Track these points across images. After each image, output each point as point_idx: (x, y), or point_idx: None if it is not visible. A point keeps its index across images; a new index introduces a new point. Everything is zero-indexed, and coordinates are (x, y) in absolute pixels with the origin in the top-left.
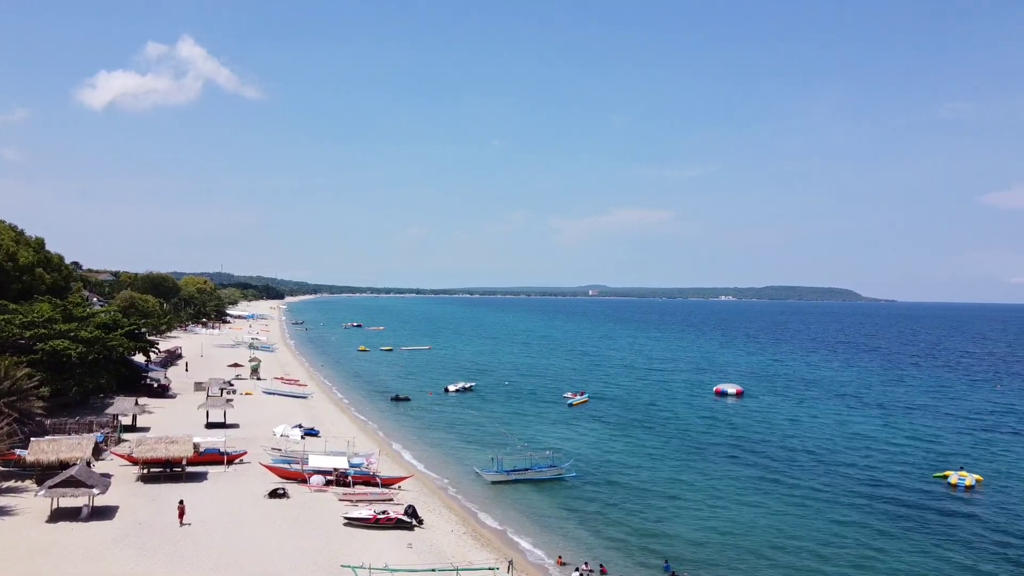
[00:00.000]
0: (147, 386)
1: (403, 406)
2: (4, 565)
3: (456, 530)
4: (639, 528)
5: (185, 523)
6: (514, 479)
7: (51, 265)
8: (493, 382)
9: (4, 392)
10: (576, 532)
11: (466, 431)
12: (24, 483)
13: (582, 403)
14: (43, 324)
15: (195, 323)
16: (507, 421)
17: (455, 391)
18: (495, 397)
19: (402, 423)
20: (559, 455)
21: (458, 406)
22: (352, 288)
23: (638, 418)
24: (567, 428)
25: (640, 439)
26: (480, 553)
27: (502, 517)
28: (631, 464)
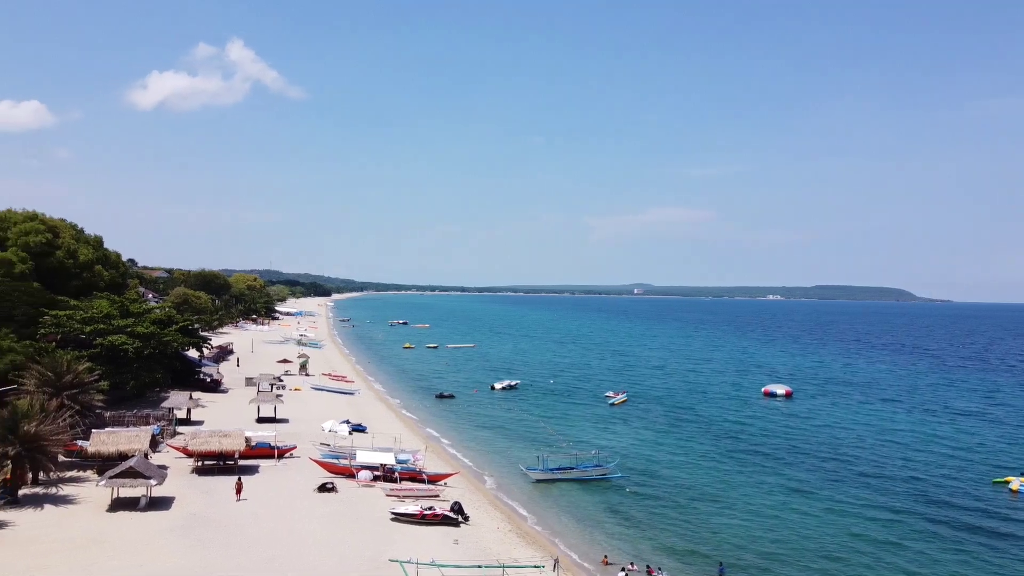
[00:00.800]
0: (200, 381)
1: (448, 403)
2: (67, 552)
3: (502, 527)
4: (686, 530)
5: (242, 498)
6: (559, 478)
7: (109, 262)
8: (537, 380)
9: (67, 385)
10: (621, 532)
11: (511, 429)
12: (85, 473)
13: (623, 402)
14: (102, 320)
15: (245, 319)
16: (551, 420)
17: (501, 389)
18: (539, 395)
19: (447, 420)
20: (604, 454)
21: (503, 404)
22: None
23: (683, 418)
24: (610, 427)
25: (686, 439)
26: (525, 551)
27: (547, 516)
28: (677, 464)
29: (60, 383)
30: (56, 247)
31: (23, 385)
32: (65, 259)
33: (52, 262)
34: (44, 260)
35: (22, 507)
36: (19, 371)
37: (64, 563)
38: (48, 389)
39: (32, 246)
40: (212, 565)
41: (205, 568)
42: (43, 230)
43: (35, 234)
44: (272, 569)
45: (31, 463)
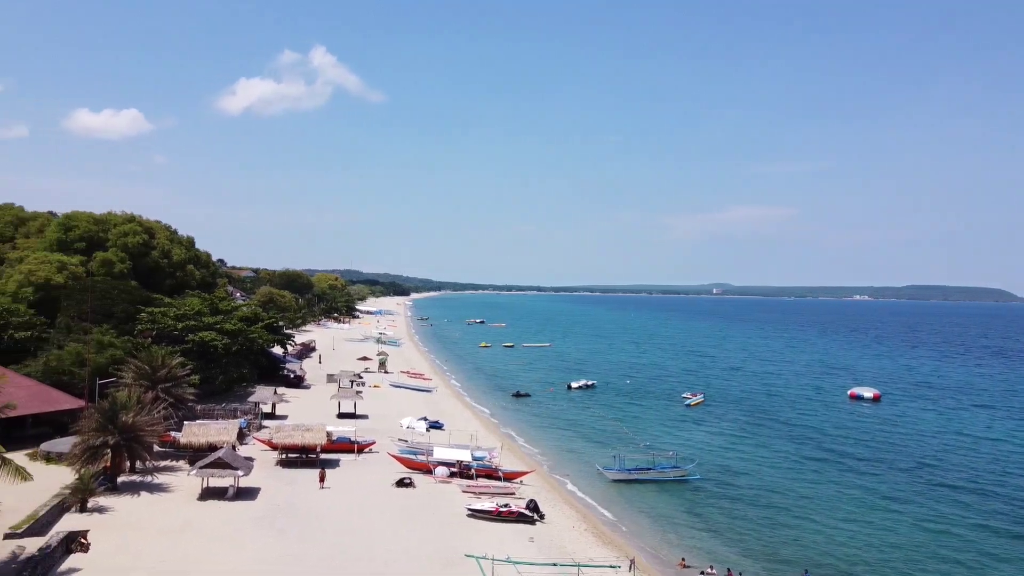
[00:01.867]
0: (284, 376)
1: (524, 402)
2: (160, 538)
3: (577, 526)
4: (767, 535)
5: (325, 487)
6: (636, 478)
7: (200, 262)
8: (613, 380)
9: (161, 379)
10: (699, 535)
11: (587, 428)
12: (178, 463)
13: (700, 403)
14: (193, 317)
15: (327, 318)
16: (627, 419)
17: (577, 388)
18: (615, 395)
19: (523, 419)
20: (682, 455)
21: (579, 403)
22: (474, 285)
23: (762, 420)
24: (687, 428)
25: (766, 442)
26: (601, 550)
27: (623, 516)
28: (757, 467)
29: (155, 377)
30: (152, 247)
31: (122, 378)
32: (160, 259)
33: (148, 262)
34: (141, 260)
35: (120, 494)
36: (118, 365)
37: (159, 548)
38: (144, 382)
39: (130, 247)
40: (294, 554)
41: (288, 557)
42: (140, 231)
43: (133, 235)
44: (351, 561)
45: (129, 452)
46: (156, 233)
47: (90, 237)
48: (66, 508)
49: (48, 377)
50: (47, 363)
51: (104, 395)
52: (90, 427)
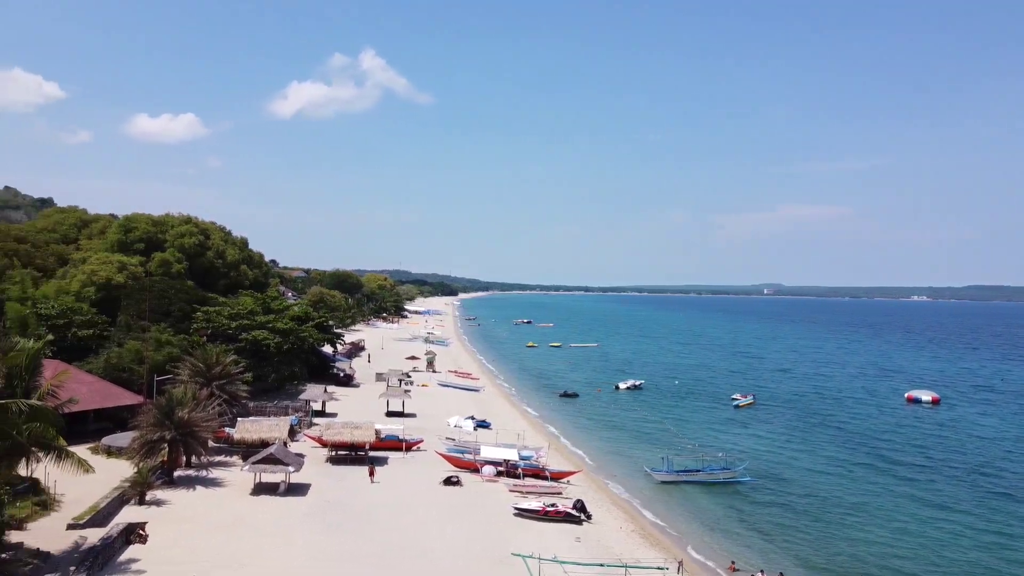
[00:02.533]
0: (334, 375)
1: (571, 402)
2: (214, 531)
3: (624, 527)
4: (821, 542)
5: (375, 481)
6: (684, 480)
7: (253, 262)
8: (660, 381)
9: (215, 376)
10: (750, 539)
11: (634, 429)
12: (232, 458)
13: (748, 405)
14: (246, 316)
15: (376, 317)
16: (675, 420)
17: (625, 389)
18: (663, 396)
19: (571, 419)
20: (732, 458)
21: (626, 404)
22: (522, 285)
23: (815, 423)
24: (736, 430)
25: (819, 445)
26: (648, 552)
27: (671, 517)
28: (809, 472)
29: (210, 374)
30: (207, 248)
31: (178, 375)
32: (215, 259)
33: (204, 262)
34: (197, 260)
35: (177, 487)
36: (175, 363)
37: (213, 541)
38: (199, 379)
39: (187, 247)
40: (344, 550)
41: (337, 552)
42: (196, 232)
43: (189, 236)
44: (399, 557)
45: (184, 447)
46: (211, 234)
47: (149, 238)
48: (125, 500)
49: (109, 374)
50: (108, 360)
51: (161, 391)
52: (148, 422)
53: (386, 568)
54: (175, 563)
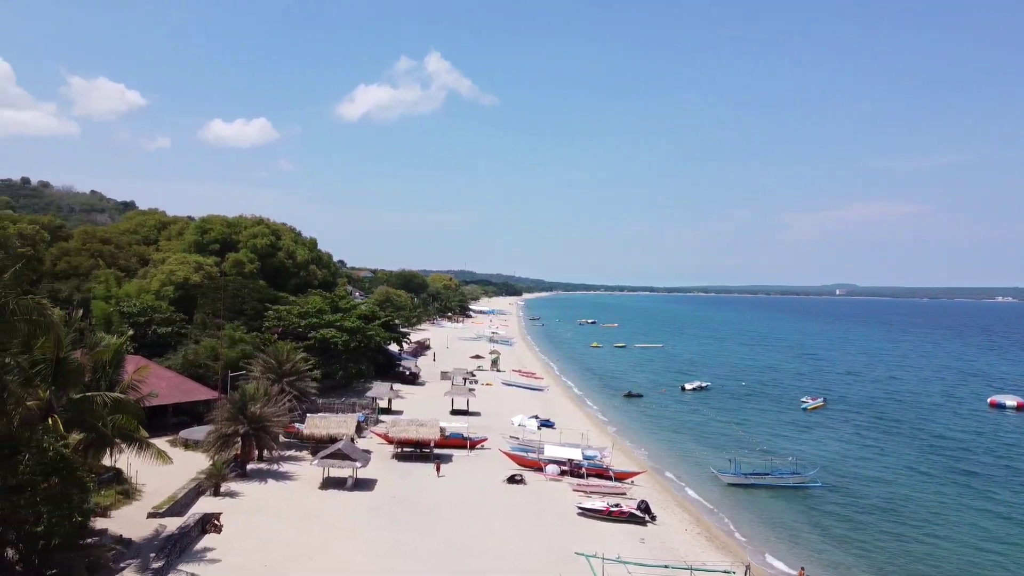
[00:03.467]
0: (400, 373)
1: (636, 402)
2: (285, 523)
3: (690, 530)
4: (897, 552)
5: (441, 475)
6: (752, 483)
7: (322, 262)
8: (727, 382)
9: (286, 373)
10: (820, 545)
11: (700, 430)
12: (301, 453)
13: (817, 407)
14: (315, 314)
15: (441, 317)
16: (742, 423)
17: (691, 390)
18: (729, 397)
19: (635, 419)
20: (802, 462)
21: (692, 405)
22: (586, 286)
23: (890, 428)
24: (806, 434)
25: (894, 451)
26: (714, 555)
27: (738, 521)
28: (884, 478)
29: (281, 371)
30: (278, 249)
31: (250, 372)
32: (285, 259)
33: (275, 262)
34: (268, 260)
35: (249, 480)
36: (248, 359)
37: (283, 532)
38: (271, 376)
39: (259, 248)
40: (408, 545)
41: (402, 547)
42: (268, 233)
43: (261, 237)
44: (463, 553)
45: (257, 441)
46: (282, 235)
47: (223, 239)
48: (201, 492)
49: (186, 370)
50: (185, 357)
51: (235, 387)
52: (223, 417)
53: (450, 564)
54: (247, 553)
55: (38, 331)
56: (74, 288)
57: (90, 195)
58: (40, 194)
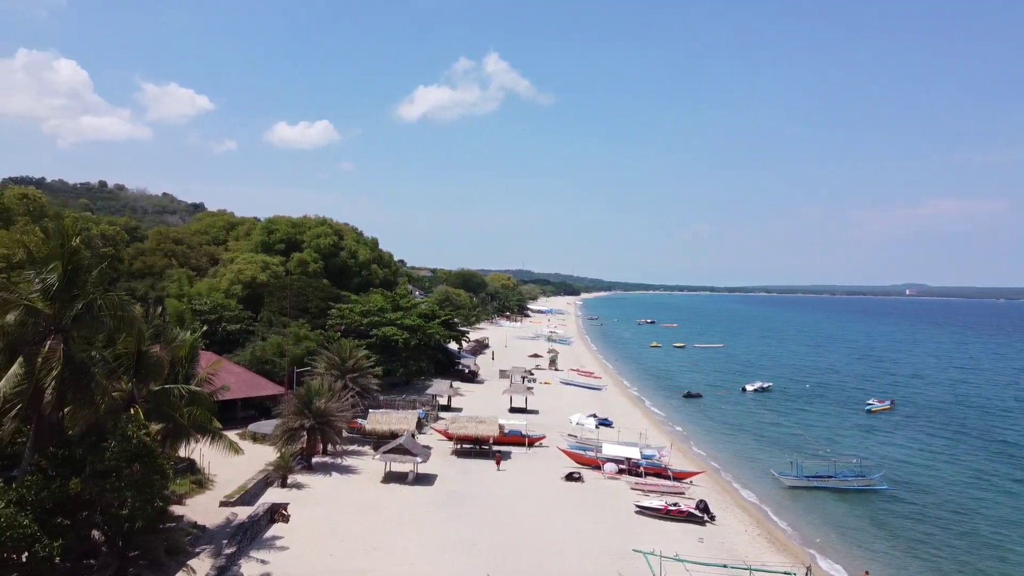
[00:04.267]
0: (459, 371)
1: (695, 403)
2: (347, 514)
3: (750, 530)
4: (967, 559)
5: (501, 468)
6: (815, 485)
7: (383, 262)
8: (789, 383)
9: (349, 369)
10: (886, 549)
11: (761, 432)
12: (364, 448)
13: (882, 410)
14: (377, 313)
15: (500, 316)
16: (805, 425)
17: (752, 391)
18: (791, 399)
19: (694, 419)
20: (867, 464)
21: (753, 406)
22: (645, 285)
23: (959, 433)
24: (871, 437)
25: (963, 456)
26: (775, 556)
27: (799, 523)
28: (955, 484)
29: (344, 367)
30: (341, 248)
31: (315, 368)
32: (348, 259)
33: (338, 261)
34: (332, 260)
35: (314, 472)
36: (312, 356)
37: (348, 522)
38: (334, 372)
39: (322, 248)
40: (468, 538)
41: (462, 540)
42: (331, 234)
43: (325, 237)
44: (521, 547)
45: (322, 435)
46: (344, 235)
47: (288, 239)
48: (270, 483)
49: (254, 365)
50: (253, 353)
51: (301, 383)
52: (289, 411)
53: (508, 558)
54: (314, 542)
55: (122, 326)
56: (149, 287)
57: (162, 197)
58: (116, 196)
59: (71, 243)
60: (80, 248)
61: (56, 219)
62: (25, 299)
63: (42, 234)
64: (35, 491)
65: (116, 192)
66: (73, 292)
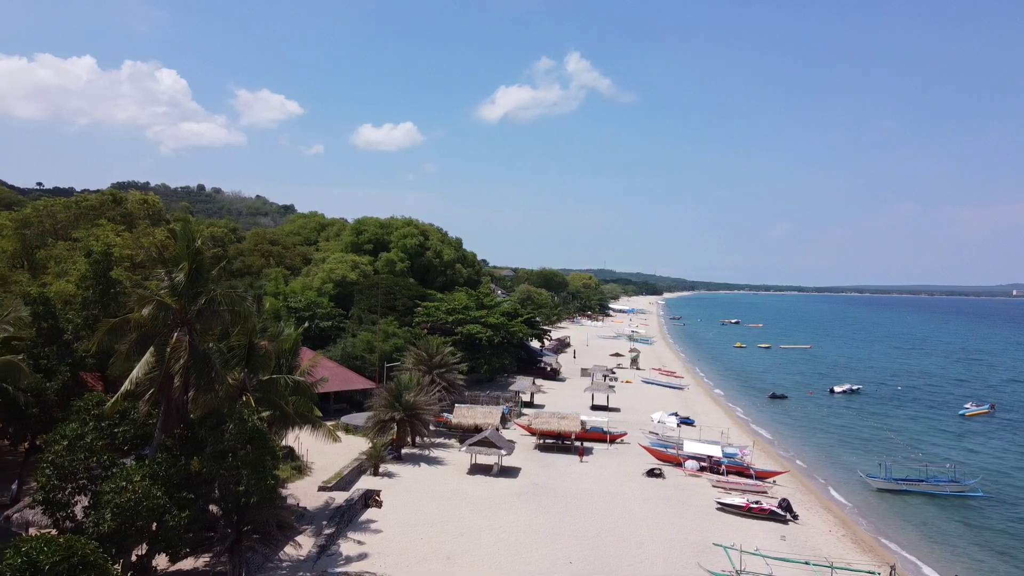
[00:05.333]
0: (541, 369)
1: (780, 404)
2: (435, 502)
3: (834, 531)
4: None
5: (584, 460)
6: (905, 489)
7: (467, 261)
8: (880, 386)
9: (436, 365)
10: (980, 558)
11: (848, 434)
12: (450, 441)
13: (979, 414)
14: (461, 311)
15: (581, 315)
16: (896, 428)
17: (841, 392)
18: (881, 402)
19: (779, 420)
20: (962, 470)
21: (841, 408)
22: (729, 285)
23: None
24: (965, 441)
25: None
26: (860, 557)
27: (887, 526)
28: None
29: (431, 363)
30: (426, 248)
31: (403, 363)
32: (433, 259)
33: (423, 261)
34: (418, 259)
35: (403, 463)
36: (400, 352)
37: (436, 511)
38: (422, 367)
39: (409, 248)
40: (550, 527)
41: (545, 529)
42: (417, 234)
43: (411, 237)
44: (602, 538)
45: (411, 427)
46: (430, 235)
47: (376, 240)
48: (363, 471)
49: (344, 360)
50: (344, 349)
51: (391, 377)
52: (380, 403)
53: (590, 547)
54: (405, 526)
55: (238, 320)
56: (248, 285)
57: (255, 199)
58: (213, 199)
59: (196, 245)
60: (203, 249)
61: (184, 224)
62: (157, 295)
63: (170, 237)
64: (164, 468)
65: (213, 195)
66: (196, 289)
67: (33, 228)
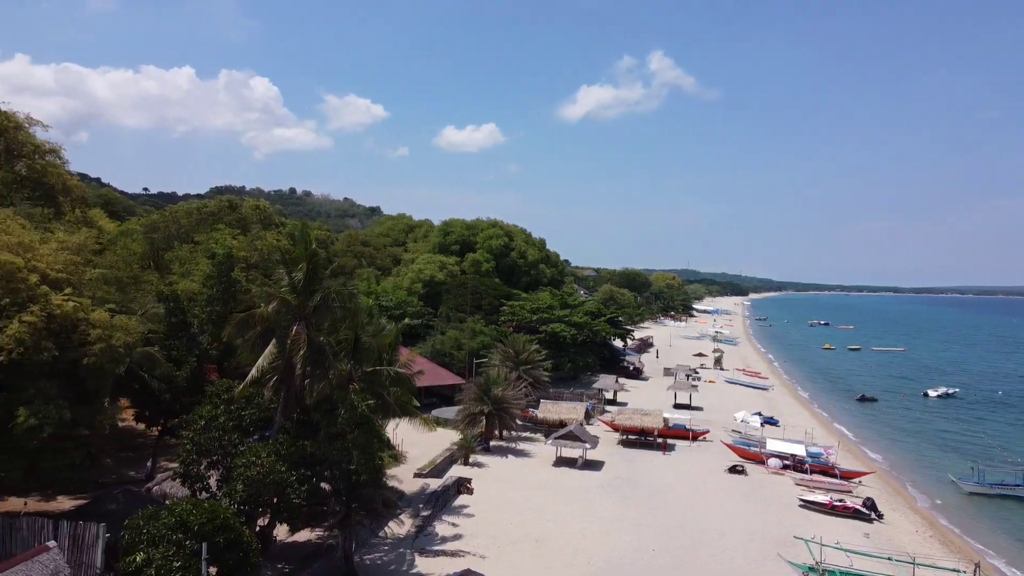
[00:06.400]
0: (624, 368)
1: (870, 406)
2: (523, 491)
3: (921, 531)
4: None
5: (667, 453)
6: (999, 493)
7: (550, 261)
8: (979, 390)
9: (522, 362)
10: None
11: (941, 438)
12: (535, 435)
13: None
14: (545, 310)
15: (664, 315)
16: (993, 433)
17: (936, 396)
18: (979, 406)
19: (867, 422)
20: None
21: (934, 412)
22: (818, 285)
23: None
24: None
25: None
26: (945, 555)
27: (977, 529)
28: None
29: (517, 360)
30: (511, 248)
31: (490, 360)
32: (517, 259)
33: (508, 261)
34: (502, 260)
35: (492, 454)
36: (487, 349)
37: (524, 499)
38: (508, 364)
39: (494, 248)
40: (633, 517)
41: (628, 519)
42: (501, 235)
43: (496, 238)
44: (684, 530)
45: (499, 420)
46: (514, 236)
47: (463, 240)
48: (454, 460)
49: (433, 357)
50: (433, 346)
51: (479, 373)
52: (470, 397)
53: (673, 536)
54: (495, 511)
55: (347, 315)
56: (341, 285)
57: (343, 201)
58: (303, 202)
59: (312, 247)
60: (318, 251)
61: (303, 227)
62: (279, 293)
63: (289, 241)
64: (285, 447)
65: (303, 198)
66: (313, 287)
67: (160, 232)
